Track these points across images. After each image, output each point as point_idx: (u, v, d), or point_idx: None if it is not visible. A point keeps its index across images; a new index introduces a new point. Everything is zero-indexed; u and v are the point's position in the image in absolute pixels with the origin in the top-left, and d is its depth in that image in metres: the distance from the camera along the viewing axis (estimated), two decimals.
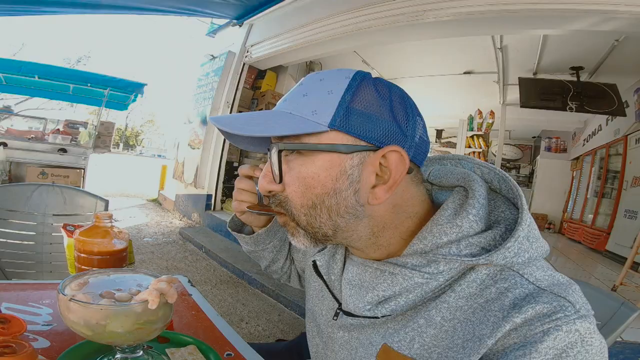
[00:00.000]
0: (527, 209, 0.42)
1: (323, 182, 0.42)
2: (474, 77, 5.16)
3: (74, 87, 5.56)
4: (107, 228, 0.68)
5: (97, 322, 0.41)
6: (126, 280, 0.50)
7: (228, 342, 0.67)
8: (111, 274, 0.52)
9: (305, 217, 0.44)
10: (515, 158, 10.17)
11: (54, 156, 4.99)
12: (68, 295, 0.42)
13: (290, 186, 0.44)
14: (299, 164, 0.43)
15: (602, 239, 5.14)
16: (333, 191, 0.42)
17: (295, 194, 0.44)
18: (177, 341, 0.61)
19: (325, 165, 0.42)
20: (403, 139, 0.42)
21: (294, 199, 0.44)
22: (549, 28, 2.57)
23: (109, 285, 0.48)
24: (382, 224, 0.45)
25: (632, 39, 3.47)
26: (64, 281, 0.47)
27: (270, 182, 0.46)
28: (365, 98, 0.42)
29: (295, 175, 0.43)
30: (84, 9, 4.13)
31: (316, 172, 0.42)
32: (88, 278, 0.50)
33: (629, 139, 4.90)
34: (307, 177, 0.42)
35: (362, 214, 0.44)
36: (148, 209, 5.95)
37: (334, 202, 0.42)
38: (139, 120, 35.97)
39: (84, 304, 0.42)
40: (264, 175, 0.47)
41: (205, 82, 5.56)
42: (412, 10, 2.85)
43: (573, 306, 0.35)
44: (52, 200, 1.42)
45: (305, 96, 0.43)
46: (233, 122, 0.44)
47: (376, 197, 0.42)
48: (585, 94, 4.21)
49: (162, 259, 3.41)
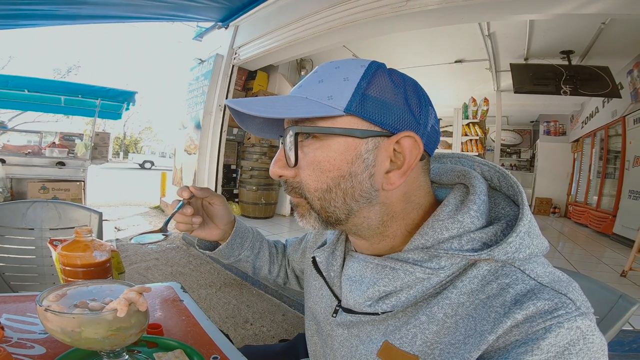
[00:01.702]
0: (528, 205, 0.42)
1: (339, 166, 0.43)
2: (466, 65, 5.16)
3: (66, 98, 5.55)
4: (87, 242, 0.70)
5: (72, 329, 0.44)
6: (102, 291, 0.53)
7: (215, 345, 0.68)
8: (90, 285, 0.54)
9: (320, 201, 0.45)
10: (515, 143, 10.16)
11: (53, 170, 5.00)
12: (44, 306, 0.46)
13: (304, 170, 0.44)
14: (314, 148, 0.43)
15: (609, 221, 5.11)
16: (349, 174, 0.43)
17: (310, 178, 0.44)
18: (165, 346, 0.63)
19: (341, 149, 0.42)
20: (417, 126, 0.43)
21: (308, 183, 0.45)
22: (534, 13, 2.57)
23: (85, 296, 0.51)
24: (392, 213, 0.46)
25: (619, 22, 3.48)
26: (42, 293, 0.50)
27: (283, 167, 0.47)
28: (380, 85, 0.43)
29: (310, 159, 0.44)
30: (63, 20, 4.12)
31: (332, 156, 0.43)
32: (67, 290, 0.52)
33: (627, 120, 4.90)
34: (323, 161, 0.43)
35: (376, 200, 0.44)
36: (151, 216, 5.98)
37: (349, 185, 0.43)
38: (136, 128, 36.02)
39: (58, 314, 0.45)
40: (277, 161, 0.47)
41: (196, 87, 5.56)
42: (394, 1, 2.86)
43: (574, 303, 0.35)
44: (47, 216, 1.45)
45: (321, 82, 0.44)
46: (251, 105, 0.43)
47: (390, 182, 0.43)
48: (578, 77, 4.22)
49: (167, 264, 3.44)
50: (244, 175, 5.14)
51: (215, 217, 0.68)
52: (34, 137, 6.73)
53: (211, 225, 0.68)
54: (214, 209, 0.67)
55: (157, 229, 0.61)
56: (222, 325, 2.22)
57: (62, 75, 20.35)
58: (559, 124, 8.08)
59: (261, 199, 5.01)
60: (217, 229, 0.69)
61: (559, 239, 5.08)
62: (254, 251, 0.77)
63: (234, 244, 0.72)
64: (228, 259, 0.74)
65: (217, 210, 0.67)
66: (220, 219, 0.68)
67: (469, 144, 5.63)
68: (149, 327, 0.63)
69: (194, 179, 5.17)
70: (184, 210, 0.60)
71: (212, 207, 0.67)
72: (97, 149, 5.69)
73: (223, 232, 0.69)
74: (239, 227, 0.73)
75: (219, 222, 0.68)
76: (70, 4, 3.61)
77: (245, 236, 0.75)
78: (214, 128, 5.04)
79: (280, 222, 5.01)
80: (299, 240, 0.81)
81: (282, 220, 5.21)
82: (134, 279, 2.93)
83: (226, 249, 0.71)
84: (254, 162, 5.02)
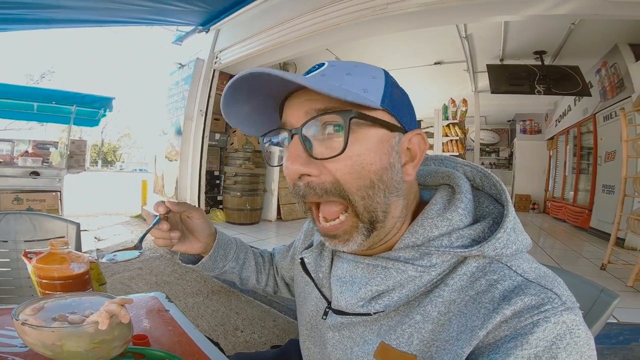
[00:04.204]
0: (511, 202, 0.44)
1: (380, 157, 0.42)
2: (445, 67, 5.29)
3: (39, 105, 5.34)
4: (63, 254, 0.68)
5: (52, 343, 0.43)
6: (82, 303, 0.51)
7: (204, 354, 0.67)
8: (68, 298, 0.52)
9: (363, 200, 0.42)
10: (494, 142, 10.45)
11: (27, 180, 4.79)
12: (20, 320, 0.44)
13: (341, 168, 0.41)
14: (350, 142, 0.40)
15: (585, 216, 5.29)
16: (389, 165, 0.42)
17: (350, 175, 0.41)
18: (152, 356, 0.61)
19: (378, 141, 0.42)
20: (416, 127, 0.47)
21: (348, 181, 0.41)
22: (508, 14, 2.67)
23: (64, 309, 0.49)
24: (407, 206, 0.47)
25: (587, 22, 3.66)
26: (18, 307, 0.48)
27: (306, 163, 0.42)
28: (397, 88, 0.46)
29: (348, 154, 0.41)
30: (37, 24, 3.99)
31: (371, 148, 0.41)
32: (44, 303, 0.50)
33: (597, 117, 5.11)
34: (363, 154, 0.41)
35: (401, 192, 0.45)
36: (132, 225, 5.82)
37: (389, 176, 0.43)
38: (115, 134, 35.04)
39: (36, 327, 0.43)
40: (297, 157, 0.42)
41: (176, 91, 5.47)
42: (376, 4, 2.92)
43: (560, 298, 0.36)
44: (21, 228, 1.41)
45: (349, 75, 0.43)
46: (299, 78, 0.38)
47: (407, 172, 0.45)
48: (551, 77, 4.40)
49: (150, 274, 3.35)
50: (228, 181, 5.07)
51: (195, 231, 0.67)
52: (5, 146, 6.40)
53: (192, 239, 0.67)
54: (193, 223, 0.66)
55: (132, 246, 0.59)
56: (211, 334, 2.17)
57: (35, 81, 19.58)
58: (534, 123, 8.38)
59: (246, 205, 4.94)
60: (198, 242, 0.67)
61: (540, 235, 5.23)
62: (239, 262, 0.76)
63: (217, 256, 0.71)
64: (212, 271, 0.72)
65: (196, 224, 0.66)
66: (201, 232, 0.67)
67: (449, 145, 5.76)
68: (135, 339, 0.62)
69: (175, 186, 5.06)
70: (160, 226, 0.59)
71: (190, 221, 0.66)
72: (74, 157, 5.48)
73: (205, 245, 0.68)
74: (221, 239, 0.72)
75: (199, 236, 0.67)
76: (44, 8, 3.49)
77: (229, 247, 0.74)
78: (196, 133, 4.96)
79: (266, 228, 4.96)
80: (286, 248, 0.80)
81: (268, 225, 5.15)
82: (117, 290, 2.84)
83: (209, 261, 0.70)
84: (238, 168, 4.95)
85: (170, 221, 0.61)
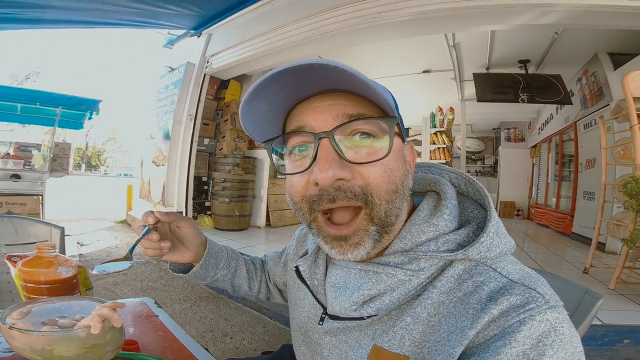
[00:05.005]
0: (494, 208, 0.46)
1: (401, 164, 0.45)
2: (433, 75, 5.40)
3: (22, 106, 5.19)
4: (50, 258, 0.66)
5: (42, 347, 0.42)
6: (71, 307, 0.50)
7: (196, 359, 0.66)
8: (56, 302, 0.51)
9: (387, 204, 0.43)
10: (479, 150, 10.67)
11: (7, 183, 4.64)
12: (7, 324, 0.43)
13: (375, 172, 0.42)
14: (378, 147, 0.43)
15: (568, 221, 5.42)
16: (406, 172, 0.46)
17: (382, 179, 0.42)
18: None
19: (398, 149, 0.45)
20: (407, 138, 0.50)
21: (379, 185, 0.42)
22: (495, 23, 2.76)
23: (52, 313, 0.48)
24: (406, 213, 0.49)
25: (570, 31, 3.79)
26: (4, 311, 0.47)
27: (341, 167, 0.41)
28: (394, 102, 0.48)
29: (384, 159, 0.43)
30: (25, 24, 3.90)
31: (395, 156, 0.44)
32: (31, 307, 0.49)
33: (578, 125, 5.26)
34: (392, 161, 0.43)
35: (407, 197, 0.47)
36: (117, 230, 5.67)
37: (408, 182, 0.46)
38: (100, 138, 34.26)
39: (25, 332, 0.42)
40: (332, 161, 0.41)
41: (165, 95, 5.40)
42: (368, 12, 2.97)
43: (543, 297, 0.38)
44: (2, 231, 1.37)
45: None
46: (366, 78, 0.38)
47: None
48: (534, 85, 4.54)
49: (136, 280, 3.27)
50: (216, 187, 4.99)
51: (185, 240, 0.66)
52: None
53: (182, 249, 0.66)
54: (183, 232, 0.65)
55: (122, 257, 0.58)
56: (200, 340, 2.12)
57: (19, 82, 18.99)
58: (518, 131, 8.61)
59: (235, 211, 4.88)
60: (189, 252, 0.67)
61: (524, 240, 5.33)
62: (231, 270, 0.75)
63: (208, 265, 0.70)
64: (204, 279, 0.72)
65: (186, 234, 0.66)
66: (191, 241, 0.67)
67: (437, 152, 5.85)
68: (124, 344, 0.60)
69: (162, 192, 4.98)
70: (150, 236, 0.58)
71: (180, 230, 0.65)
72: (57, 160, 5.34)
73: (195, 254, 0.68)
74: (211, 248, 0.71)
75: (189, 245, 0.67)
76: (33, 8, 3.42)
77: (220, 256, 0.73)
78: (184, 138, 4.91)
79: (255, 234, 4.90)
80: (278, 254, 0.81)
81: (257, 231, 5.10)
82: (101, 296, 2.74)
83: (200, 270, 0.69)
84: (227, 174, 4.88)
85: (159, 231, 0.61)
